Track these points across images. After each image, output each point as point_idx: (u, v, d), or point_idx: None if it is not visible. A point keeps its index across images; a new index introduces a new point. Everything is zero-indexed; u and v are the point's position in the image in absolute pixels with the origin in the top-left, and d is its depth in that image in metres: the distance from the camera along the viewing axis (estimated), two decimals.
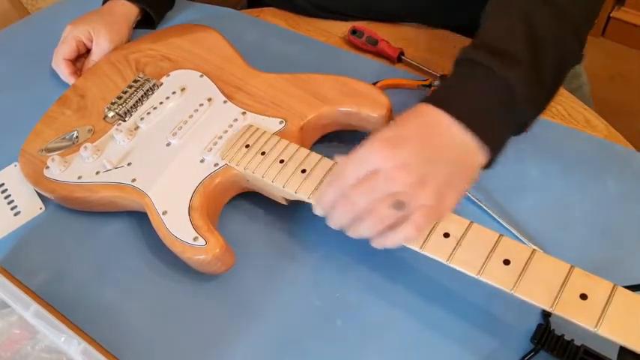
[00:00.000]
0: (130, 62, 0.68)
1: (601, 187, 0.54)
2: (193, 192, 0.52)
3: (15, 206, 0.60)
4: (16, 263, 0.56)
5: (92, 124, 0.62)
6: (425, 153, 0.41)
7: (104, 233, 0.57)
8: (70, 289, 0.53)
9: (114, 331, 0.50)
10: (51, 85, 0.72)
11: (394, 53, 0.69)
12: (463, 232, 0.42)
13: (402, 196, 0.40)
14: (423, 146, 0.41)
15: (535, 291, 0.39)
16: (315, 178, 0.49)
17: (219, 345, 0.48)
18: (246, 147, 0.53)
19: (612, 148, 0.57)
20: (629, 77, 1.62)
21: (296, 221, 0.55)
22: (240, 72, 0.62)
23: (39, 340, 0.46)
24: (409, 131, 0.42)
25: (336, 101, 0.56)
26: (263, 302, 0.50)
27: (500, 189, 0.55)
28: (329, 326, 0.48)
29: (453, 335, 0.46)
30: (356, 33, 0.72)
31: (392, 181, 0.40)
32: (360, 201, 0.41)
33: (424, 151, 0.41)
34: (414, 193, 0.40)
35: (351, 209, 0.42)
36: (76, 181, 0.57)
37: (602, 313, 0.37)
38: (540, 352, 0.44)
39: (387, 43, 0.70)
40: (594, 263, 0.44)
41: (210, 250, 0.48)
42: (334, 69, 0.66)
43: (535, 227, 0.52)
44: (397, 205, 0.40)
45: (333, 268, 0.52)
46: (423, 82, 0.65)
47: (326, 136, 0.59)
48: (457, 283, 0.49)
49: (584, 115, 0.61)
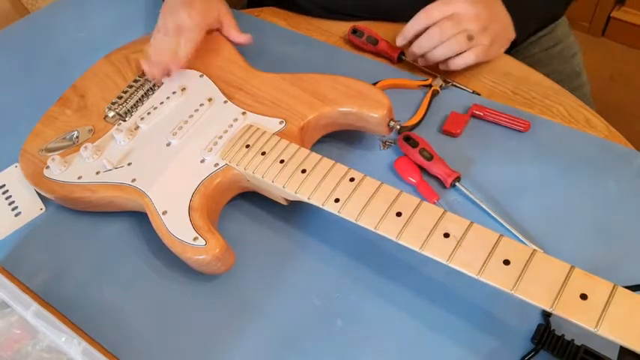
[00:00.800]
0: (131, 62, 0.68)
1: (601, 187, 0.54)
2: (193, 192, 0.52)
3: (16, 207, 0.60)
4: (17, 263, 0.56)
5: (92, 124, 0.62)
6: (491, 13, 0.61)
7: (104, 233, 0.57)
8: (70, 289, 0.53)
9: (114, 331, 0.50)
10: (51, 85, 0.72)
11: (394, 53, 0.69)
12: (463, 232, 0.42)
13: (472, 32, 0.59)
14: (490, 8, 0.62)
15: (535, 291, 0.39)
16: (315, 178, 0.49)
17: (219, 345, 0.48)
18: (247, 147, 0.53)
19: (612, 148, 0.57)
20: (629, 77, 1.62)
21: (296, 221, 0.55)
22: (241, 72, 0.62)
23: (39, 340, 0.46)
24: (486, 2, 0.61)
25: (337, 101, 0.56)
26: (263, 302, 0.50)
27: (500, 189, 0.55)
28: (329, 326, 0.48)
29: (453, 335, 0.46)
30: (356, 33, 0.72)
31: (469, 22, 0.59)
32: (447, 30, 0.59)
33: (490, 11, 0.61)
34: (480, 34, 0.60)
35: (438, 37, 0.60)
36: (76, 181, 0.57)
37: (602, 313, 0.37)
38: (541, 352, 0.44)
39: (387, 43, 0.70)
40: (594, 263, 0.44)
41: (210, 250, 0.48)
42: (334, 69, 0.66)
43: (535, 227, 0.52)
44: (470, 37, 0.59)
45: (333, 268, 0.52)
46: (424, 82, 0.65)
47: (326, 136, 0.59)
48: (457, 283, 0.49)
49: (584, 114, 0.61)
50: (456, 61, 0.62)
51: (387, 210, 0.45)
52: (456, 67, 0.62)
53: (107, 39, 0.77)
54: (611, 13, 1.65)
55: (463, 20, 0.59)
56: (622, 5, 1.64)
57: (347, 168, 0.49)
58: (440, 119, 0.62)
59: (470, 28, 0.60)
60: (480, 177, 0.56)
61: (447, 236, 0.43)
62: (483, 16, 0.60)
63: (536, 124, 0.60)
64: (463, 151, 0.59)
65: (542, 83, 0.65)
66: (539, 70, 0.67)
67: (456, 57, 0.61)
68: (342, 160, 0.50)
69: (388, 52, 0.69)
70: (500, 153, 0.58)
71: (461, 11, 0.59)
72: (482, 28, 0.60)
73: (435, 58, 0.62)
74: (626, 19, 1.64)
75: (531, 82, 0.65)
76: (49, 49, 0.72)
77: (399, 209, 0.45)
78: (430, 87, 0.64)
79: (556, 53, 0.81)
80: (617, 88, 1.60)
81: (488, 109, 0.61)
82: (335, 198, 0.47)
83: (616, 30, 1.68)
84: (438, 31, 0.60)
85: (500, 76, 0.66)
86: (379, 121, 0.55)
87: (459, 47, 0.60)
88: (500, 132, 0.60)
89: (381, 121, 0.55)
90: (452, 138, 0.60)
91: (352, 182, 0.48)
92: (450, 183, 0.55)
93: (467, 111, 0.62)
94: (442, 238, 0.43)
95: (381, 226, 0.44)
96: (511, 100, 0.63)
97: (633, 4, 1.62)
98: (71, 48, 0.79)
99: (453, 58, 0.62)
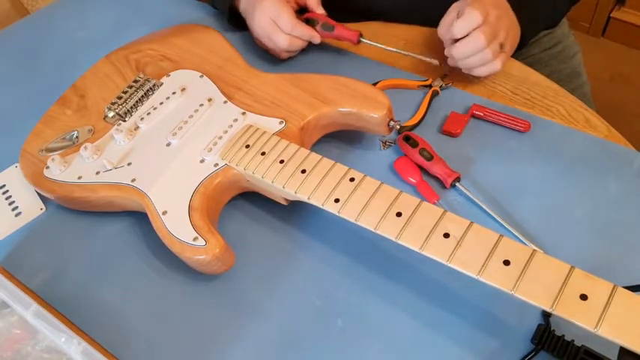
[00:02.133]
0: (131, 62, 0.68)
1: (601, 187, 0.54)
2: (193, 192, 0.52)
3: (16, 207, 0.61)
4: (17, 263, 0.56)
5: (92, 124, 0.62)
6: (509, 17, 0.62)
7: (104, 233, 0.57)
8: (70, 289, 0.53)
9: (114, 331, 0.50)
10: (51, 85, 0.72)
11: (354, 37, 0.66)
12: (463, 232, 0.42)
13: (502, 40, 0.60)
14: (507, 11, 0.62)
15: (535, 291, 0.39)
16: (315, 178, 0.49)
17: (219, 345, 0.48)
18: (246, 147, 0.53)
19: (612, 148, 0.57)
20: (629, 77, 1.62)
21: (296, 221, 0.55)
22: (241, 72, 0.62)
23: (39, 340, 0.46)
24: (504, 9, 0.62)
25: (337, 101, 0.56)
26: (263, 302, 0.50)
27: (500, 189, 0.55)
28: (329, 326, 0.48)
29: (453, 335, 0.46)
30: (310, 21, 0.68)
31: (500, 29, 0.59)
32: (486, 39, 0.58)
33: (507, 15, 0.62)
34: (506, 42, 0.60)
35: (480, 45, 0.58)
36: (76, 181, 0.57)
37: (602, 313, 0.37)
38: (541, 353, 0.44)
39: (344, 27, 0.67)
40: (594, 263, 0.44)
41: (209, 250, 0.48)
42: (334, 69, 0.66)
43: (535, 227, 0.52)
44: (502, 45, 0.60)
45: (333, 268, 0.52)
46: (424, 82, 0.65)
47: (326, 136, 0.59)
48: (457, 284, 0.49)
49: (584, 115, 0.61)
50: (482, 70, 0.61)
51: (387, 210, 0.45)
52: (480, 75, 0.62)
53: (107, 39, 0.77)
54: (611, 14, 1.65)
55: (495, 27, 0.58)
56: (622, 6, 1.64)
57: (347, 168, 0.49)
58: (440, 119, 0.62)
59: (500, 35, 0.59)
60: (480, 177, 0.56)
61: (447, 236, 0.43)
62: (506, 22, 0.60)
63: (536, 124, 0.60)
64: (463, 151, 0.59)
65: (541, 83, 0.65)
66: (539, 70, 0.67)
67: (482, 66, 0.60)
68: (342, 160, 0.50)
69: (347, 37, 0.67)
70: (500, 153, 0.58)
71: (491, 18, 0.58)
72: (506, 34, 0.60)
73: (467, 65, 0.61)
74: (626, 20, 1.64)
75: (531, 83, 0.65)
76: (49, 49, 0.72)
77: (399, 209, 0.45)
78: (430, 87, 0.64)
79: (556, 53, 0.81)
80: (617, 88, 1.60)
81: (488, 109, 0.61)
82: (335, 198, 0.47)
83: (616, 30, 1.68)
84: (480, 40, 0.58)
85: (500, 76, 0.66)
86: (379, 122, 0.55)
87: (493, 57, 0.59)
88: (500, 132, 0.60)
89: (380, 121, 0.55)
90: (452, 138, 0.60)
91: (352, 182, 0.48)
92: (450, 183, 0.55)
93: (467, 111, 0.62)
94: (442, 238, 0.43)
95: (381, 226, 0.44)
96: (511, 101, 0.63)
97: (633, 5, 1.62)
98: (71, 48, 0.80)
99: (480, 66, 0.60)
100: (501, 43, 0.59)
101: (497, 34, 0.59)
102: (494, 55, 0.59)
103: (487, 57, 0.59)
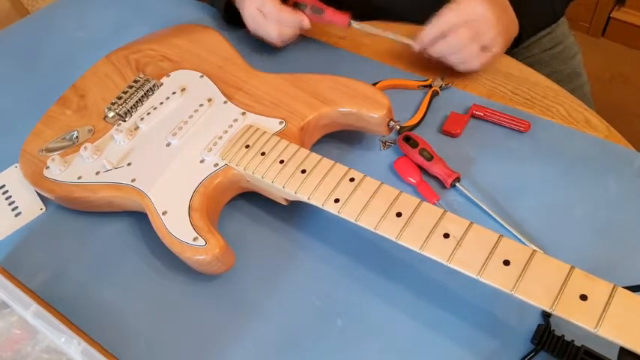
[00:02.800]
0: (131, 62, 0.68)
1: (601, 187, 0.54)
2: (193, 192, 0.52)
3: (16, 207, 0.61)
4: (17, 263, 0.56)
5: (92, 124, 0.62)
6: (506, 15, 0.62)
7: (104, 233, 0.57)
8: (70, 289, 0.53)
9: (114, 331, 0.50)
10: (51, 85, 0.72)
11: (344, 20, 0.65)
12: (463, 232, 0.42)
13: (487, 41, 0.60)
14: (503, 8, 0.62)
15: (535, 291, 0.39)
16: (315, 178, 0.49)
17: (219, 345, 0.48)
18: (246, 147, 0.53)
19: (612, 148, 0.57)
20: (629, 77, 1.62)
21: (296, 221, 0.55)
22: (240, 72, 0.62)
23: (39, 340, 0.46)
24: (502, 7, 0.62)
25: (336, 102, 0.56)
26: (263, 302, 0.50)
27: (500, 189, 0.55)
28: (329, 326, 0.48)
29: (453, 335, 0.46)
30: (298, 5, 0.67)
31: (486, 30, 0.59)
32: (464, 41, 0.59)
33: (504, 12, 0.62)
34: (494, 42, 0.61)
35: (455, 46, 0.60)
36: (75, 181, 0.57)
37: (602, 313, 0.37)
38: (540, 353, 0.44)
39: (334, 11, 0.65)
40: (594, 263, 0.44)
41: (209, 251, 0.48)
42: (334, 69, 0.66)
43: (535, 227, 0.52)
44: (483, 48, 0.60)
45: (333, 268, 0.52)
46: (424, 82, 0.65)
47: (326, 136, 0.59)
48: (457, 284, 0.49)
49: (584, 115, 0.61)
50: (460, 67, 0.63)
51: (387, 210, 0.45)
52: (460, 71, 0.64)
53: (107, 39, 0.77)
54: (611, 14, 1.65)
55: (480, 28, 0.59)
56: (622, 6, 1.64)
57: (347, 168, 0.49)
58: (440, 119, 0.62)
59: (485, 36, 0.60)
60: (480, 177, 0.56)
61: (447, 236, 0.43)
62: (498, 21, 0.60)
63: (536, 124, 0.60)
64: (463, 151, 0.59)
65: (541, 84, 0.65)
66: (539, 70, 0.67)
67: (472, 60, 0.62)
68: (342, 160, 0.50)
69: (337, 20, 0.65)
70: (500, 153, 0.58)
71: (478, 18, 0.59)
72: (497, 33, 0.60)
73: (447, 62, 0.63)
74: (626, 20, 1.64)
75: (531, 83, 0.65)
76: (49, 49, 0.72)
77: (399, 209, 0.45)
78: (430, 87, 0.64)
79: (556, 54, 0.81)
80: (617, 89, 1.60)
81: (488, 109, 0.61)
82: (335, 198, 0.47)
83: (616, 30, 1.68)
84: (456, 41, 0.60)
85: (500, 76, 0.66)
86: (379, 122, 0.55)
87: (471, 57, 0.61)
88: (500, 132, 0.60)
89: (380, 121, 0.55)
90: (452, 138, 0.60)
91: (352, 182, 0.48)
92: (450, 183, 0.55)
93: (467, 111, 0.62)
94: (442, 238, 0.43)
95: (381, 226, 0.44)
96: (511, 101, 0.63)
97: (633, 5, 1.62)
98: (71, 48, 0.80)
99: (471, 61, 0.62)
100: (483, 46, 0.60)
101: (480, 37, 0.60)
102: (472, 56, 0.61)
103: (464, 57, 0.61)
